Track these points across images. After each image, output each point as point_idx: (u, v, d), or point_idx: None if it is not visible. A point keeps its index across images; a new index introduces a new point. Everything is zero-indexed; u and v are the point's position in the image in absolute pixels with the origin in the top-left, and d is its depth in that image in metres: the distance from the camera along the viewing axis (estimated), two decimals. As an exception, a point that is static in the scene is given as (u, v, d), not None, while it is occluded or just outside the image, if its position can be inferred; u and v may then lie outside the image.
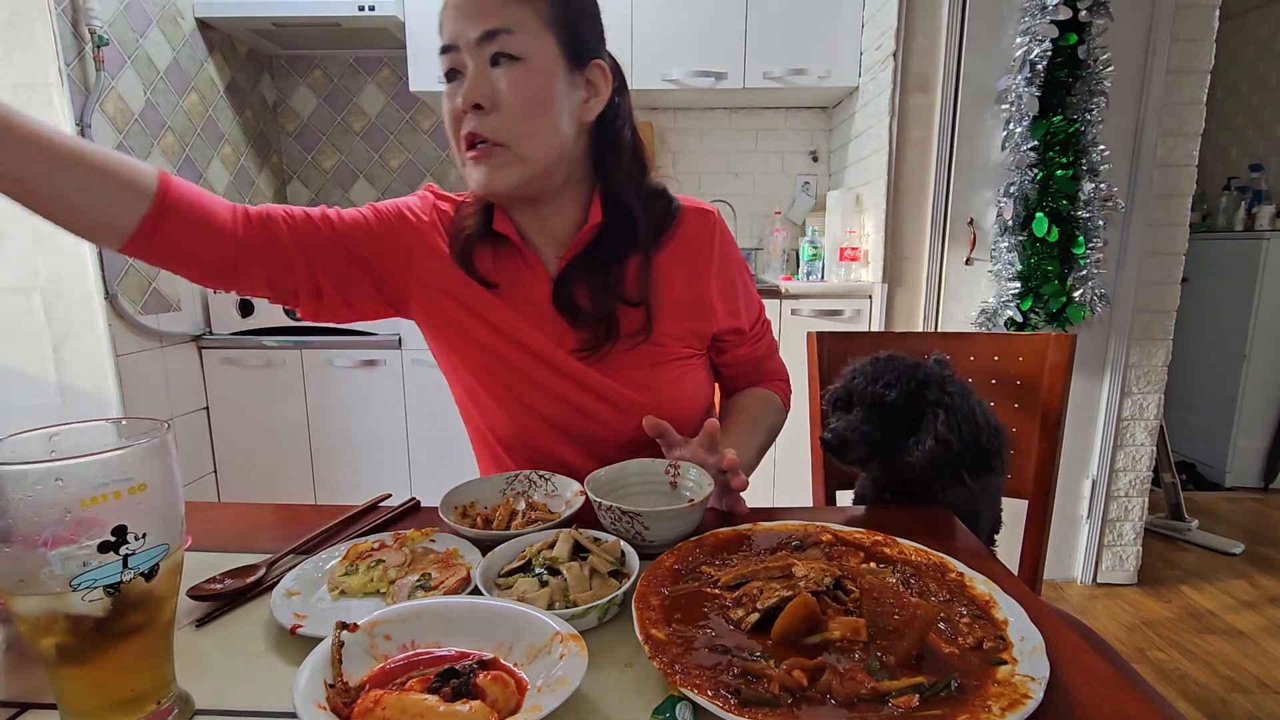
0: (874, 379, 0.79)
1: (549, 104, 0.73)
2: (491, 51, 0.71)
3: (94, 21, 1.82)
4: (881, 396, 0.78)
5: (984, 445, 0.76)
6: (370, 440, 2.28)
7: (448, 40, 0.72)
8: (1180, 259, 2.09)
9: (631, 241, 0.83)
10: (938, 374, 0.79)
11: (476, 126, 0.72)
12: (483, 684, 0.42)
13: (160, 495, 0.42)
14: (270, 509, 0.83)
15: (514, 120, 0.72)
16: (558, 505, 0.77)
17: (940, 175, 2.06)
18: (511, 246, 0.84)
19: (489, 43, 0.70)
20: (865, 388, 0.79)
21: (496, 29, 0.70)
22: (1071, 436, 2.18)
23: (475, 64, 0.71)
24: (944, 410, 0.75)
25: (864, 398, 0.79)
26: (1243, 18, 3.39)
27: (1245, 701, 1.68)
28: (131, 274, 1.99)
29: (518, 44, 0.70)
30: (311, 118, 2.79)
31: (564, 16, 0.73)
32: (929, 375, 0.79)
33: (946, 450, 0.75)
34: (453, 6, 0.72)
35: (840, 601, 0.54)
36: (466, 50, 0.71)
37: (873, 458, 0.79)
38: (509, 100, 0.71)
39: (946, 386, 0.78)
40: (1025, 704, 0.41)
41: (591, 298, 0.81)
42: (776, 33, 2.30)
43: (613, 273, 0.83)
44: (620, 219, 0.83)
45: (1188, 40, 1.97)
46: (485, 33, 0.70)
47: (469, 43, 0.71)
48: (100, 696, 0.42)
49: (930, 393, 0.77)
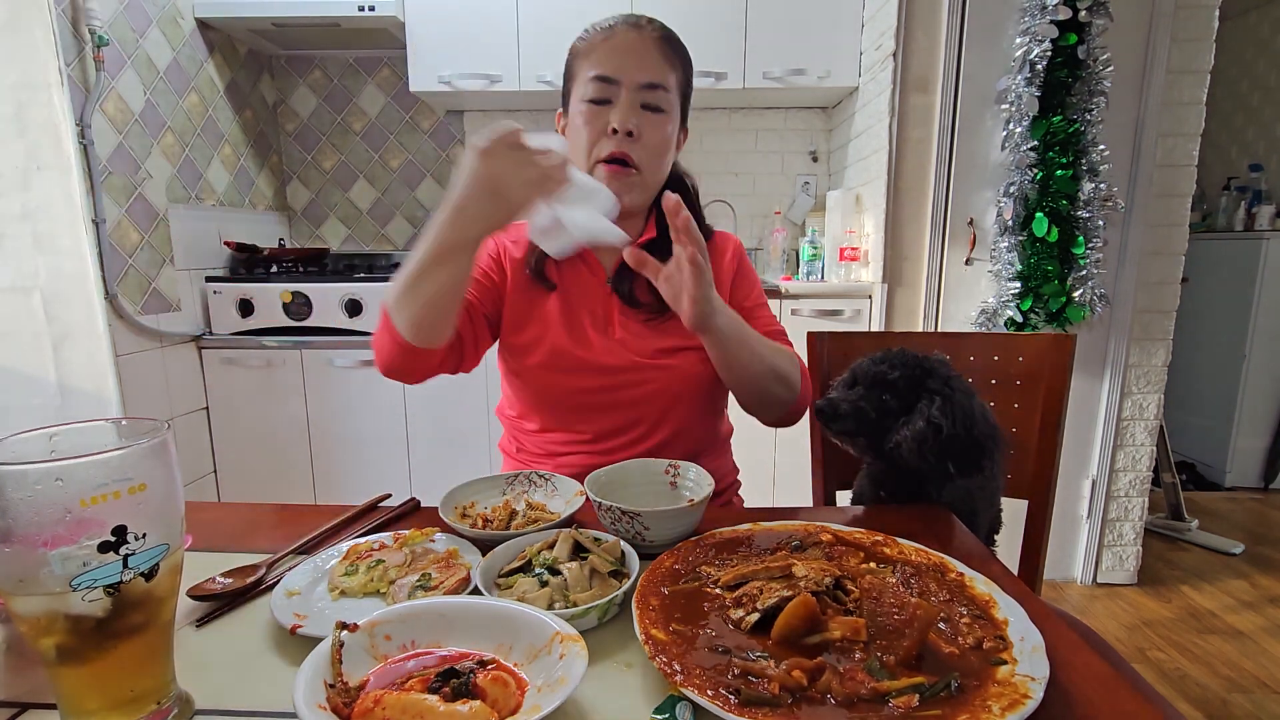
0: (881, 360, 0.80)
1: (668, 151, 0.94)
2: (645, 99, 0.88)
3: (94, 22, 1.82)
4: (883, 375, 0.79)
5: (975, 437, 0.75)
6: (370, 440, 2.28)
7: (609, 73, 0.87)
8: (1180, 259, 2.09)
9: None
10: (944, 367, 0.80)
11: (627, 148, 0.88)
12: (483, 684, 0.42)
13: (160, 495, 0.42)
14: (270, 509, 0.84)
15: (650, 154, 0.90)
16: (558, 505, 0.77)
17: (940, 175, 2.06)
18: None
19: (647, 91, 0.88)
20: (870, 368, 0.81)
21: (656, 83, 0.89)
22: (1071, 436, 2.18)
23: (629, 100, 0.88)
24: (941, 398, 0.76)
25: (866, 376, 0.81)
26: (1243, 18, 3.39)
27: (1245, 701, 1.68)
28: (131, 274, 1.99)
29: (664, 100, 0.90)
30: (311, 118, 2.79)
31: (686, 89, 0.96)
32: (935, 367, 0.79)
33: (936, 435, 0.74)
34: (620, 49, 0.88)
35: (840, 601, 0.54)
36: (626, 88, 0.88)
37: (861, 433, 0.79)
38: (651, 138, 0.90)
39: (951, 381, 0.78)
40: (1025, 704, 0.41)
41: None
42: (776, 33, 2.30)
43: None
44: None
45: (1188, 40, 1.97)
46: (649, 83, 0.88)
47: (632, 84, 0.88)
48: (100, 696, 0.42)
49: (932, 381, 0.78)
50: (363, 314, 2.21)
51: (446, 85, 2.35)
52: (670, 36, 0.91)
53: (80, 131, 1.80)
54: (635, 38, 0.88)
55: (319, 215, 2.85)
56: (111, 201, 1.92)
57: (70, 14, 1.79)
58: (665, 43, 0.90)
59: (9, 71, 1.62)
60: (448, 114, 2.78)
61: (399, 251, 2.86)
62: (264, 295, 2.20)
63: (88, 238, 1.72)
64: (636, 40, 0.88)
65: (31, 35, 1.62)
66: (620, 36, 0.89)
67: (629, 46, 0.88)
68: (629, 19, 0.91)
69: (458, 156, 2.80)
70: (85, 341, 1.75)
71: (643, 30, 0.89)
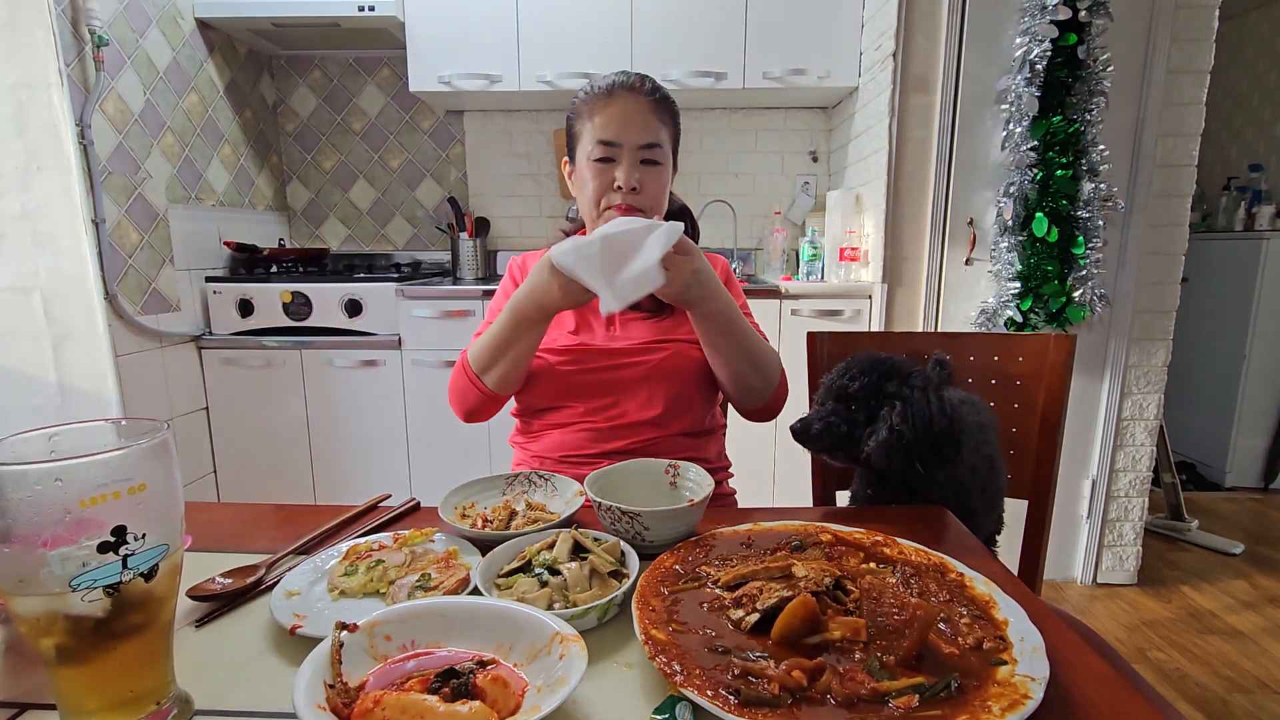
0: (842, 373, 0.82)
1: (665, 193, 1.06)
2: (644, 156, 1.01)
3: (94, 21, 1.82)
4: (845, 388, 0.81)
5: (935, 436, 0.76)
6: (370, 440, 2.28)
7: (612, 139, 1.00)
8: (1180, 259, 2.09)
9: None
10: (904, 367, 0.81)
11: (634, 201, 1.01)
12: (482, 684, 0.42)
13: (160, 495, 0.42)
14: (270, 509, 0.84)
15: (652, 199, 1.03)
16: (557, 506, 0.77)
17: (940, 175, 2.06)
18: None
19: (647, 150, 1.01)
20: (834, 381, 0.83)
21: (653, 142, 1.01)
22: (1071, 436, 2.18)
23: (630, 159, 1.00)
24: (900, 401, 0.77)
25: (831, 390, 0.83)
26: (1243, 18, 3.39)
27: (1245, 701, 1.68)
28: (131, 274, 1.99)
29: (661, 154, 1.02)
30: (311, 118, 2.79)
31: (676, 137, 1.08)
32: (893, 368, 0.80)
33: (899, 440, 0.76)
34: (619, 116, 1.00)
35: (840, 601, 0.54)
36: (627, 149, 1.00)
37: (839, 447, 0.82)
38: (652, 188, 1.02)
39: (910, 380, 0.79)
40: (1025, 704, 0.41)
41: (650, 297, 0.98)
42: (776, 33, 2.30)
43: None
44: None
45: (1188, 40, 1.97)
46: (647, 143, 1.00)
47: (632, 146, 1.00)
48: (100, 697, 0.42)
49: (890, 385, 0.79)
50: (362, 314, 2.21)
51: (446, 85, 2.35)
52: (664, 97, 1.04)
53: (80, 131, 1.80)
54: (633, 103, 1.00)
55: (319, 215, 2.85)
56: (111, 201, 1.92)
57: (70, 14, 1.79)
58: (659, 105, 1.02)
59: (9, 71, 1.62)
60: (448, 114, 2.78)
61: (399, 251, 2.86)
62: (264, 295, 2.20)
63: (88, 238, 1.72)
64: (634, 105, 1.00)
65: (31, 35, 1.62)
66: (619, 103, 1.00)
67: (627, 112, 1.00)
68: (626, 82, 1.02)
69: (458, 156, 2.80)
70: (85, 341, 1.75)
71: (639, 95, 1.01)
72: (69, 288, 1.73)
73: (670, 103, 1.06)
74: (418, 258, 2.82)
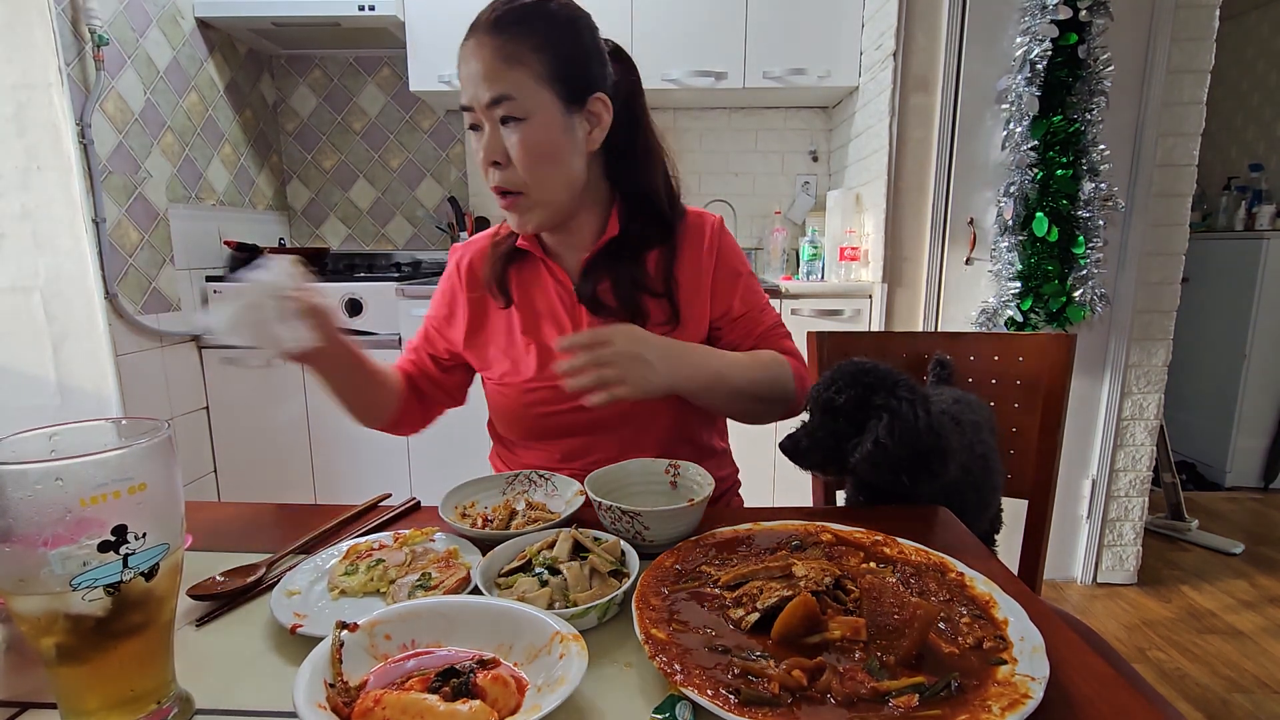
0: (828, 385, 0.80)
1: (554, 153, 0.82)
2: (499, 114, 0.79)
3: (94, 21, 1.82)
4: (832, 401, 0.78)
5: (920, 448, 0.75)
6: (370, 440, 2.27)
7: (465, 102, 0.81)
8: (1180, 259, 2.09)
9: (647, 239, 0.92)
10: (890, 377, 0.79)
11: (500, 180, 0.82)
12: (483, 684, 0.42)
13: (160, 495, 0.42)
14: (270, 509, 0.84)
15: (527, 172, 0.81)
16: (557, 505, 0.77)
17: (940, 175, 2.06)
18: (535, 260, 0.94)
19: (496, 107, 0.78)
20: (820, 394, 0.80)
21: (500, 96, 0.78)
22: (1071, 436, 2.18)
23: (489, 124, 0.80)
24: (888, 414, 0.75)
25: (818, 404, 0.80)
26: (1243, 18, 3.39)
27: (1245, 701, 1.68)
28: (131, 274, 1.99)
29: (519, 106, 0.78)
30: (311, 117, 2.79)
31: (557, 69, 0.80)
32: (879, 379, 0.78)
33: (884, 453, 0.74)
34: (465, 74, 0.80)
35: (840, 601, 0.54)
36: (480, 112, 0.80)
37: (829, 462, 0.80)
38: (520, 156, 0.80)
39: (897, 390, 0.77)
40: (1025, 704, 0.41)
41: (615, 291, 0.89)
42: (776, 33, 2.30)
43: (632, 268, 0.90)
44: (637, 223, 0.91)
45: (1188, 40, 1.97)
46: (492, 99, 0.78)
47: (481, 106, 0.79)
48: (100, 696, 0.42)
49: (877, 397, 0.77)
50: (363, 313, 2.21)
51: (446, 85, 2.34)
52: (510, 24, 0.78)
53: (80, 131, 1.80)
54: (474, 48, 0.79)
55: (319, 215, 2.85)
56: (111, 201, 1.92)
57: (70, 14, 1.79)
58: (504, 39, 0.77)
59: (9, 71, 1.62)
60: (448, 114, 2.78)
61: (399, 251, 2.86)
62: (264, 295, 2.20)
63: (88, 237, 1.72)
64: (476, 54, 0.78)
65: (31, 35, 1.62)
66: (465, 52, 0.80)
67: (470, 65, 0.79)
68: (475, 23, 0.80)
69: (458, 156, 2.80)
70: (85, 341, 1.75)
71: (480, 34, 0.79)
72: (69, 287, 1.73)
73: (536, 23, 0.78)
74: (418, 257, 2.82)
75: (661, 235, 0.92)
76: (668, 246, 0.92)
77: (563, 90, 0.80)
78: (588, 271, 0.90)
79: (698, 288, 0.92)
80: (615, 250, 0.90)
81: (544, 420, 0.91)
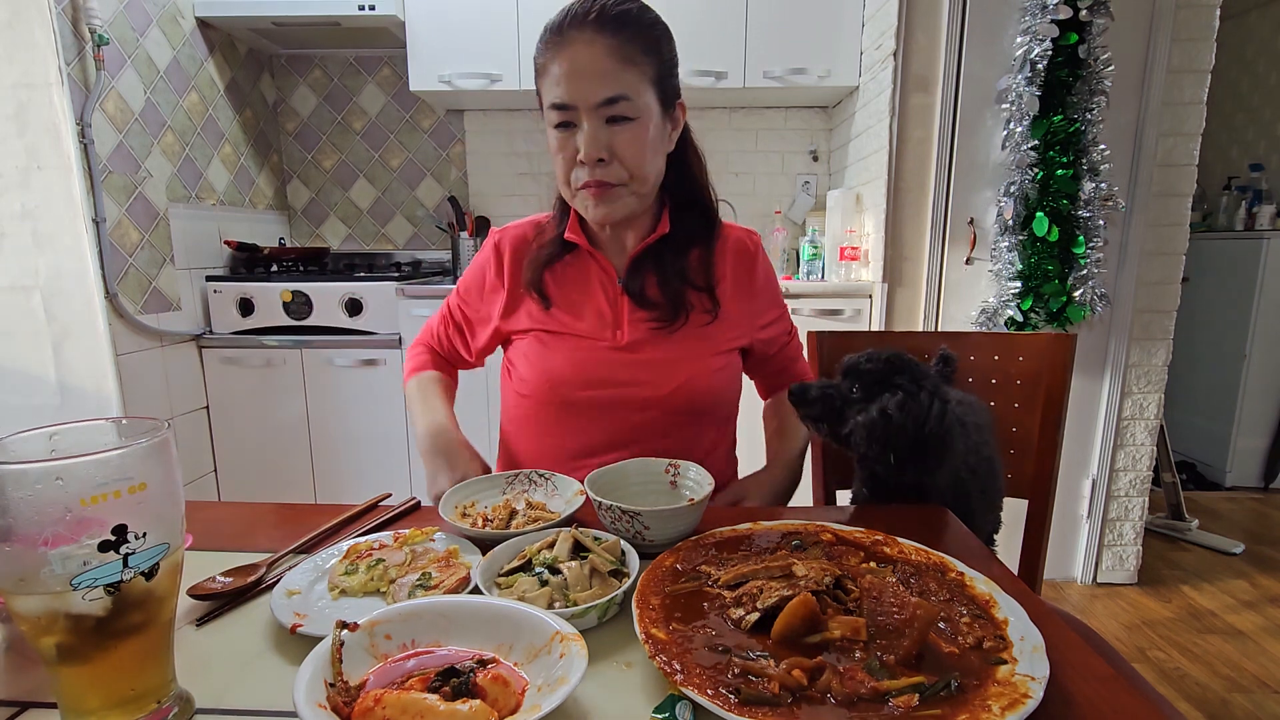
0: (865, 356, 0.81)
1: (653, 150, 0.86)
2: (609, 114, 0.80)
3: (94, 21, 1.82)
4: (857, 365, 0.80)
5: (922, 435, 0.75)
6: (370, 440, 2.28)
7: (564, 100, 0.80)
8: (1180, 259, 2.09)
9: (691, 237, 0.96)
10: (920, 369, 0.79)
11: (600, 175, 0.83)
12: (483, 683, 0.42)
13: (160, 495, 0.42)
14: (270, 509, 0.84)
15: (630, 165, 0.84)
16: (558, 505, 0.77)
17: (940, 175, 2.06)
18: (582, 253, 0.96)
19: (608, 107, 0.80)
20: (852, 360, 0.81)
21: (616, 95, 0.80)
22: (1071, 436, 2.17)
23: (592, 123, 0.81)
24: (904, 393, 0.76)
25: (845, 366, 0.81)
26: (1243, 18, 3.38)
27: (1245, 701, 1.68)
28: (132, 274, 1.99)
29: (632, 107, 0.81)
30: (311, 117, 2.79)
31: (662, 72, 0.85)
32: (909, 366, 0.79)
33: (885, 423, 0.75)
34: (570, 71, 0.80)
35: (840, 601, 0.54)
36: (584, 111, 0.80)
37: (828, 419, 0.80)
38: (625, 153, 0.83)
39: (920, 380, 0.78)
40: (1025, 704, 0.41)
41: (661, 287, 0.93)
42: (776, 32, 2.30)
43: (677, 263, 0.94)
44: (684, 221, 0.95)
45: (1188, 40, 1.97)
46: (607, 98, 0.80)
47: (588, 106, 0.80)
48: (101, 695, 0.42)
49: (900, 378, 0.78)
50: (363, 313, 2.21)
51: (446, 85, 2.34)
52: (623, 25, 0.79)
53: (80, 131, 1.80)
54: (584, 47, 0.79)
55: (319, 214, 2.85)
56: (111, 201, 1.92)
57: (70, 13, 1.79)
58: (625, 39, 0.79)
59: (9, 71, 1.62)
60: (448, 113, 2.78)
61: (399, 251, 2.86)
62: (264, 294, 2.20)
63: (88, 237, 1.72)
64: (585, 50, 0.79)
65: (31, 34, 1.62)
66: (569, 47, 0.79)
67: (579, 63, 0.79)
68: (575, 18, 0.80)
69: (458, 155, 2.80)
70: (85, 341, 1.75)
71: (593, 31, 0.79)
72: (69, 287, 1.73)
73: (645, 28, 0.82)
74: (418, 257, 2.82)
75: (705, 233, 0.97)
76: (707, 243, 0.97)
77: (660, 94, 0.85)
78: (635, 267, 0.93)
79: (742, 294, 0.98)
80: (661, 247, 0.94)
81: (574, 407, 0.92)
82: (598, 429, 0.93)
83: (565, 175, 0.86)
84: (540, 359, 0.94)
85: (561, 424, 0.94)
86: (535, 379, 0.94)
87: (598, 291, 0.95)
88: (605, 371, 0.92)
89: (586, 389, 0.92)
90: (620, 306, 0.94)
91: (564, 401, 0.92)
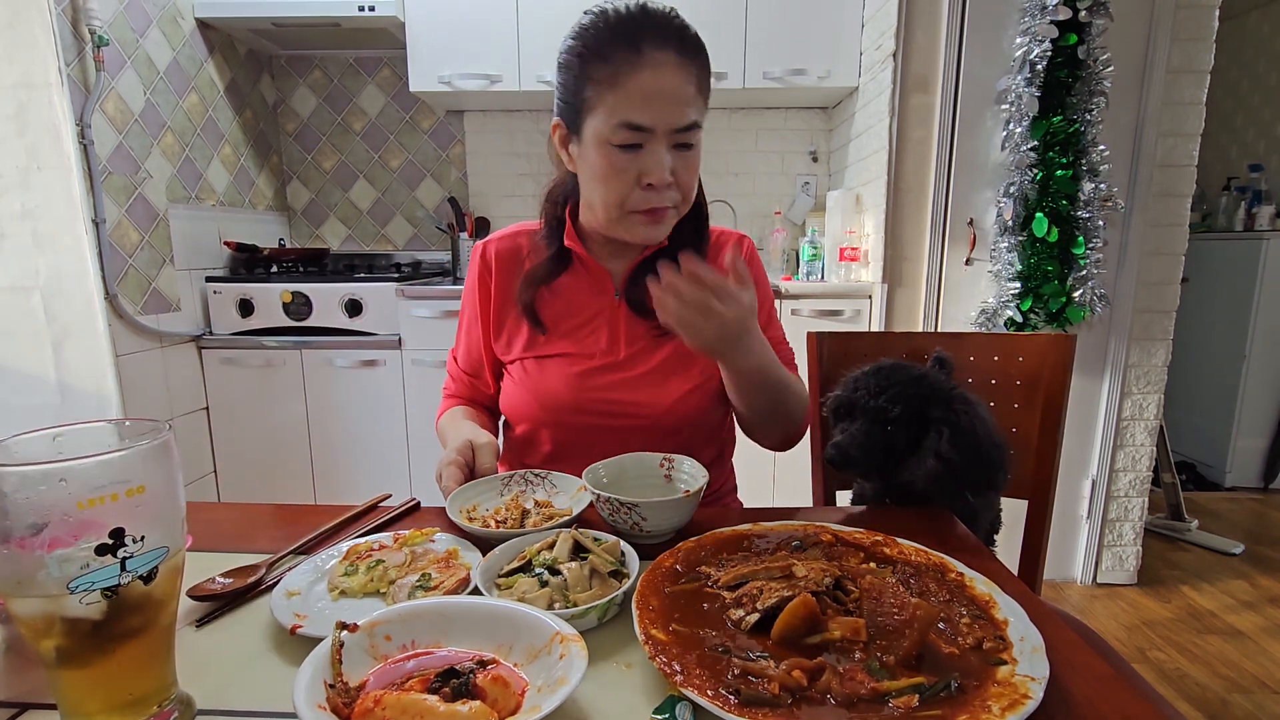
0: (877, 393, 0.76)
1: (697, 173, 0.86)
2: (678, 140, 0.80)
3: (94, 21, 1.82)
4: (885, 412, 0.75)
5: (986, 464, 0.73)
6: (370, 441, 2.28)
7: (644, 123, 0.77)
8: (1180, 259, 2.09)
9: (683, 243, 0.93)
10: (944, 387, 0.77)
11: (663, 200, 0.82)
12: (483, 684, 0.42)
13: (160, 497, 0.42)
14: (270, 509, 0.84)
15: (685, 192, 0.84)
16: (563, 502, 0.78)
17: (940, 175, 2.06)
18: (575, 264, 0.96)
19: (682, 134, 0.79)
20: (868, 401, 0.77)
21: (695, 123, 0.80)
22: (1071, 436, 2.17)
23: (661, 145, 0.79)
24: (949, 428, 0.73)
25: (866, 412, 0.77)
26: (1243, 18, 3.39)
27: (1245, 701, 1.68)
28: (131, 274, 1.99)
29: (695, 136, 0.81)
30: (311, 118, 2.79)
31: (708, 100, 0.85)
32: (934, 389, 0.76)
33: (949, 469, 0.72)
34: (654, 92, 0.77)
35: (840, 601, 0.54)
36: (660, 135, 0.78)
37: (875, 472, 0.78)
38: (685, 179, 0.83)
39: (953, 403, 0.75)
40: (1025, 704, 0.41)
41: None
42: (776, 33, 2.30)
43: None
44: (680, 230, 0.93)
45: (1188, 40, 1.97)
46: (688, 125, 0.79)
47: (669, 129, 0.78)
48: (100, 699, 0.42)
49: (935, 410, 0.74)
50: (363, 314, 2.21)
51: (446, 85, 2.34)
52: (699, 51, 0.81)
53: (80, 131, 1.80)
54: (671, 71, 0.76)
55: (319, 215, 2.85)
56: (111, 201, 1.92)
57: (70, 14, 1.79)
58: (697, 66, 0.79)
59: (9, 71, 1.62)
60: (448, 114, 2.78)
61: (399, 251, 2.86)
62: (264, 295, 2.20)
63: (88, 237, 1.72)
64: (671, 74, 0.76)
65: (31, 35, 1.62)
66: (650, 68, 0.75)
67: (665, 86, 0.76)
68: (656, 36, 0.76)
69: (458, 156, 2.80)
70: (85, 341, 1.75)
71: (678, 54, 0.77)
72: (69, 287, 1.73)
73: (707, 56, 0.82)
74: (418, 258, 2.82)
75: (696, 238, 0.96)
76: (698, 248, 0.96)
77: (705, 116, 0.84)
78: (635, 277, 0.92)
79: None
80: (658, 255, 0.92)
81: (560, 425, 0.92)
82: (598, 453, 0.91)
83: (621, 196, 0.81)
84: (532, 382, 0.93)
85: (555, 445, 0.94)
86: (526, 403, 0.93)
87: (593, 302, 0.94)
88: (600, 394, 0.91)
89: (578, 414, 0.91)
90: (618, 316, 0.94)
91: (557, 424, 0.92)
